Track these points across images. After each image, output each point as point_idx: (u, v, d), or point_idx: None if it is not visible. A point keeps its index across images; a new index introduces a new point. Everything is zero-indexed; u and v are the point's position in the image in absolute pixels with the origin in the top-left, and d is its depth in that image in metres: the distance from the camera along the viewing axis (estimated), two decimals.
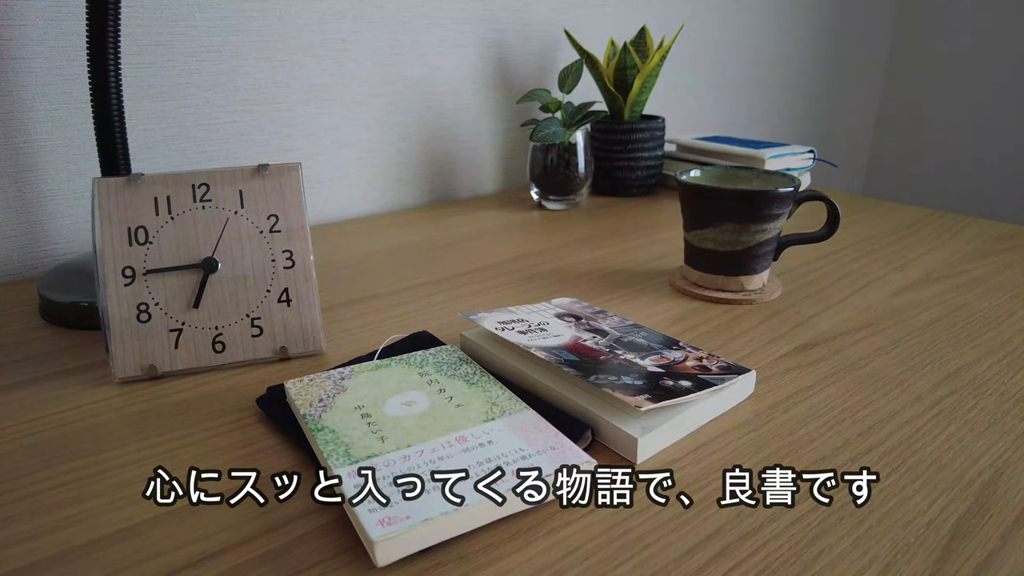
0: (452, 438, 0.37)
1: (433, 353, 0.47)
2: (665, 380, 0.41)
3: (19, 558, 0.31)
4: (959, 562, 0.30)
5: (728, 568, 0.30)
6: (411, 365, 0.46)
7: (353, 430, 0.38)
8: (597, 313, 0.53)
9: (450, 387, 0.43)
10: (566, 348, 0.46)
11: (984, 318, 0.56)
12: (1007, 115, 1.52)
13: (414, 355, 0.47)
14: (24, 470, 0.37)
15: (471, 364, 0.46)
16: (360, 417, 0.39)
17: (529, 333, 0.48)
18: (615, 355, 0.45)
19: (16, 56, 0.64)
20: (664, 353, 0.46)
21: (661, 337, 0.49)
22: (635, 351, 0.46)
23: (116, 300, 0.46)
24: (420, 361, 0.46)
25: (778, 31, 1.40)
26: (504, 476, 0.33)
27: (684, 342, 0.49)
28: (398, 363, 0.46)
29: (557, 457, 0.35)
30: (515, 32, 0.99)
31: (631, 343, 0.47)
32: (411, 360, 0.46)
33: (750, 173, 0.64)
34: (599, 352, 0.45)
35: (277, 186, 0.50)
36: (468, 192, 1.01)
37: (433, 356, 0.47)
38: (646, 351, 0.46)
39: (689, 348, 0.47)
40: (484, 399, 0.41)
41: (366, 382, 0.43)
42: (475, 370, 0.45)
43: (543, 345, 0.46)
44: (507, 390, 0.42)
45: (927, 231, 0.80)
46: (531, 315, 0.52)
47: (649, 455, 0.38)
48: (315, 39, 0.82)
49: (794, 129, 1.53)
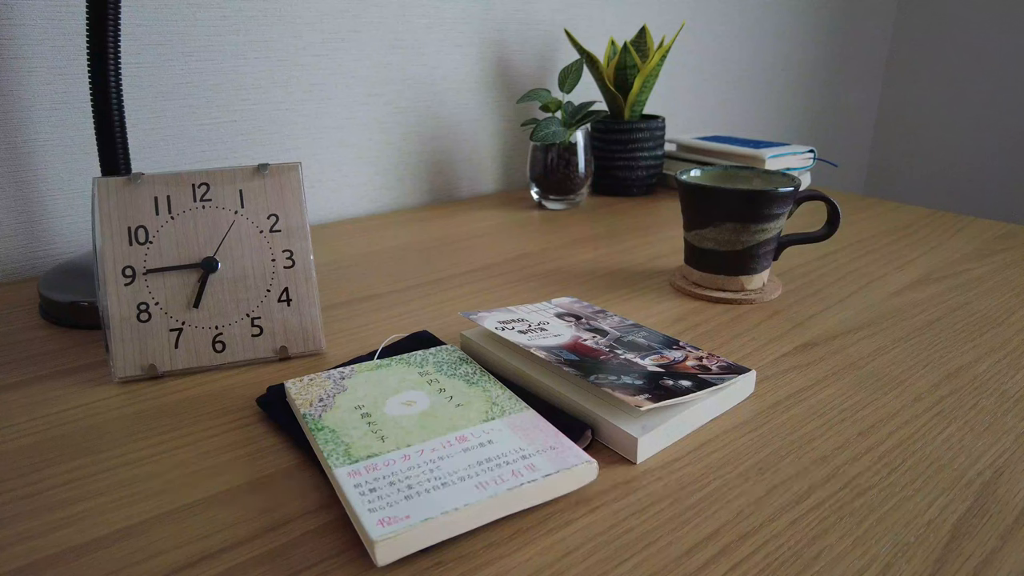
0: (452, 438, 0.37)
1: (433, 353, 0.47)
2: (665, 380, 0.41)
3: (19, 558, 0.31)
4: (959, 562, 0.30)
5: (728, 568, 0.30)
6: (411, 365, 0.45)
7: (353, 430, 0.38)
8: (597, 312, 0.53)
9: (450, 387, 0.43)
10: (566, 348, 0.46)
11: (984, 318, 0.56)
12: (1007, 115, 1.52)
13: (414, 355, 0.47)
14: (24, 469, 0.37)
15: (471, 364, 0.46)
16: (360, 417, 0.39)
17: (529, 333, 0.48)
18: (615, 355, 0.45)
19: (16, 56, 0.64)
20: (664, 353, 0.46)
21: (661, 337, 0.49)
22: (635, 351, 0.46)
23: (116, 300, 0.46)
24: (420, 361, 0.46)
25: (778, 31, 1.40)
26: (504, 476, 0.33)
27: (684, 342, 0.49)
28: (398, 363, 0.46)
29: (557, 457, 0.35)
30: (515, 31, 0.99)
31: (631, 343, 0.47)
32: (411, 360, 0.46)
33: (750, 173, 0.64)
34: (599, 352, 0.45)
35: (277, 186, 0.50)
36: (468, 192, 1.01)
37: (433, 356, 0.47)
38: (646, 351, 0.46)
39: (689, 348, 0.47)
40: (484, 399, 0.41)
41: (366, 382, 0.43)
42: (475, 369, 0.45)
43: (543, 344, 0.46)
44: (507, 390, 0.42)
45: (927, 231, 0.80)
46: (531, 315, 0.52)
47: (649, 455, 0.38)
48: (315, 38, 0.82)
49: (794, 129, 1.53)
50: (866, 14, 1.58)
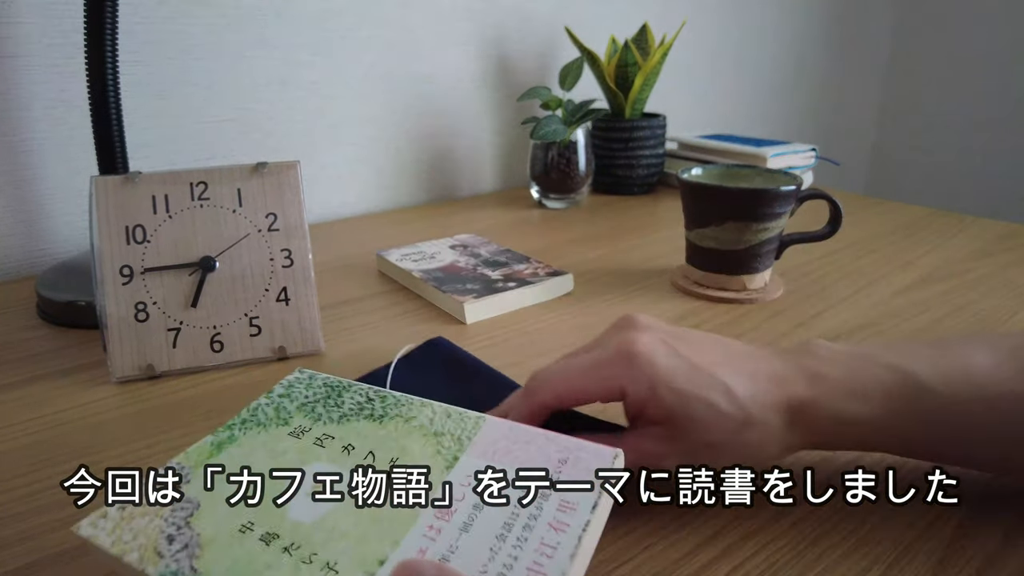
0: (425, 523, 0.24)
1: (286, 394, 0.32)
2: (498, 283, 0.58)
3: (19, 558, 0.31)
4: (960, 563, 0.30)
5: (729, 569, 0.30)
6: (268, 425, 0.30)
7: (272, 571, 0.23)
8: (484, 243, 0.68)
9: (355, 438, 0.28)
10: (440, 269, 0.61)
11: (987, 318, 0.56)
12: (1010, 114, 1.52)
13: (263, 405, 0.32)
14: (23, 469, 0.37)
15: (353, 389, 0.32)
16: (265, 545, 0.24)
17: (420, 261, 0.63)
18: (475, 271, 0.61)
19: (14, 54, 0.64)
20: (514, 267, 0.62)
21: (520, 256, 0.64)
22: (492, 267, 0.62)
23: (114, 299, 0.46)
24: (278, 414, 0.31)
25: (780, 29, 1.40)
26: (547, 540, 0.23)
27: (535, 259, 0.64)
28: (249, 428, 0.30)
29: (583, 468, 0.26)
30: (515, 29, 0.99)
31: (494, 262, 0.63)
32: (265, 417, 0.31)
33: (752, 171, 0.64)
34: (464, 270, 0.61)
35: (275, 184, 0.50)
36: (468, 190, 1.01)
37: (290, 398, 0.32)
38: (502, 266, 0.62)
39: (535, 262, 0.62)
40: (418, 435, 0.28)
41: (220, 481, 0.27)
42: (366, 395, 0.31)
43: (423, 268, 0.61)
44: (429, 404, 0.30)
45: (929, 230, 0.80)
46: (430, 247, 0.68)
47: (476, 319, 0.54)
48: (314, 36, 0.81)
49: (796, 127, 1.52)
50: (868, 12, 1.58)
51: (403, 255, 0.65)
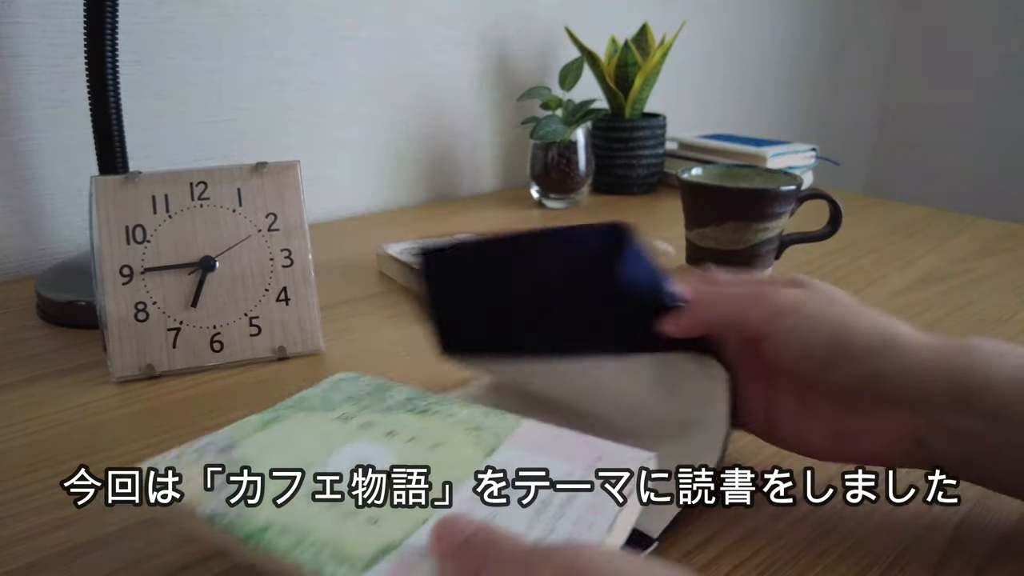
0: (467, 489, 0.26)
1: (333, 388, 0.34)
2: None
3: (19, 558, 0.31)
4: (960, 563, 0.30)
5: (729, 568, 0.30)
6: (315, 411, 0.32)
7: (314, 518, 0.24)
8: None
9: (396, 425, 0.30)
10: None
11: (987, 318, 0.56)
12: (1010, 113, 1.52)
13: (307, 397, 0.33)
14: (22, 470, 0.37)
15: (397, 388, 0.34)
16: (307, 496, 0.26)
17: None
18: None
19: (13, 53, 0.64)
20: None
21: None
22: None
23: (114, 299, 0.46)
24: (324, 402, 0.32)
25: (780, 29, 1.40)
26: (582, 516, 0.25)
27: None
28: (295, 412, 0.32)
29: (615, 467, 0.27)
30: (515, 29, 0.99)
31: None
32: (311, 403, 0.32)
33: (752, 171, 0.64)
34: None
35: (275, 184, 0.50)
36: (468, 190, 1.01)
37: (338, 391, 0.34)
38: None
39: None
40: (457, 426, 0.30)
41: (263, 450, 0.29)
42: (408, 393, 0.33)
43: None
44: (468, 406, 0.32)
45: (929, 230, 0.80)
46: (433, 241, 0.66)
47: None
48: (314, 36, 0.81)
49: (796, 127, 1.52)
50: (868, 12, 1.58)
51: (404, 249, 0.65)
